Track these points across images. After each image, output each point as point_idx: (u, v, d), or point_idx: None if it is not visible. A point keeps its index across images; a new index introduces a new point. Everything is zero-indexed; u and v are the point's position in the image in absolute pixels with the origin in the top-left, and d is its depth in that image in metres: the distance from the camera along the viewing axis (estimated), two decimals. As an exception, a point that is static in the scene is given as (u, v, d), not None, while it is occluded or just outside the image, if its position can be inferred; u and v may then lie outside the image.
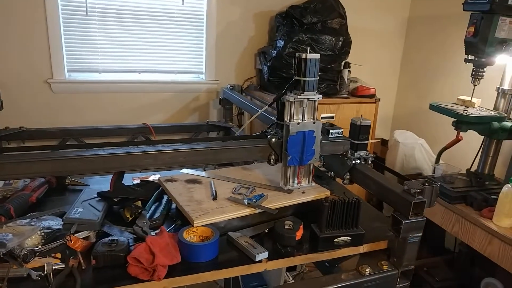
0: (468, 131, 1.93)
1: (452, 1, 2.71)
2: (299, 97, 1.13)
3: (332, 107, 2.53)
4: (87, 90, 2.42)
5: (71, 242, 0.94)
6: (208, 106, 2.80)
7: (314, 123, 1.17)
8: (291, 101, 1.13)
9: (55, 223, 1.05)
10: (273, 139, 1.18)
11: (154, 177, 1.45)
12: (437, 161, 2.24)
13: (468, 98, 2.00)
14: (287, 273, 1.89)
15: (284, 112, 1.16)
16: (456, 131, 1.96)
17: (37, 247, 0.94)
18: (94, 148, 1.01)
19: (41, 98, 2.28)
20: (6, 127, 2.03)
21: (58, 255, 0.95)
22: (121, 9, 2.38)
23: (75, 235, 0.99)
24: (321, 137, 1.21)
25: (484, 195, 1.82)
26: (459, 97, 2.07)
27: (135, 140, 2.37)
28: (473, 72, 1.89)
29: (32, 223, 1.01)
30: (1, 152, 1.84)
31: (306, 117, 1.17)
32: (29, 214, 1.09)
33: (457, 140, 2.03)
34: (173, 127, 2.54)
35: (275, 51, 2.53)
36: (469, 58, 1.89)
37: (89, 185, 1.36)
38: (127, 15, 2.41)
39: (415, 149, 2.54)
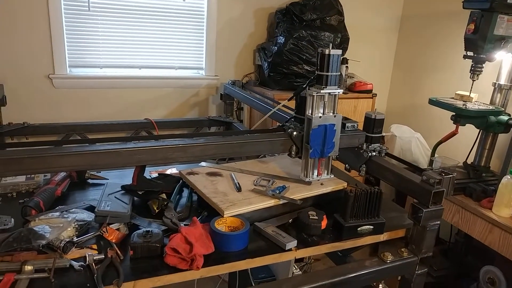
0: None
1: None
2: (321, 91, 1.17)
3: (331, 102, 2.58)
4: (88, 86, 2.40)
5: (107, 233, 0.96)
6: (207, 101, 2.82)
7: (334, 116, 1.21)
8: (313, 95, 1.17)
9: (87, 215, 1.06)
10: (295, 133, 1.22)
11: (171, 170, 1.46)
12: (432, 154, 2.33)
13: (466, 93, 2.07)
14: (295, 264, 1.94)
15: (306, 106, 1.20)
16: (455, 125, 2.03)
17: (72, 238, 0.95)
18: (128, 142, 1.02)
19: (43, 94, 2.26)
20: (10, 123, 2.00)
21: (94, 246, 0.96)
22: (123, 5, 2.37)
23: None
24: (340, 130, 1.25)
25: (483, 186, 1.90)
26: (457, 92, 2.15)
27: (138, 135, 2.37)
28: (472, 68, 1.97)
29: (65, 216, 1.02)
30: (5, 148, 1.82)
31: (326, 110, 1.21)
32: (57, 208, 1.10)
33: (453, 133, 2.10)
34: (175, 122, 2.54)
35: (276, 47, 2.57)
36: (468, 54, 1.96)
37: (108, 179, 1.37)
38: (128, 11, 2.40)
39: (412, 143, 2.62)
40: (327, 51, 1.14)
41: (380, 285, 1.30)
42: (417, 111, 3.08)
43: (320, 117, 1.19)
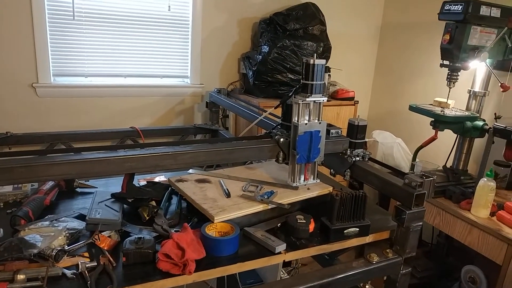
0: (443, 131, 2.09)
1: (421, 10, 2.92)
2: (307, 99, 1.21)
3: (315, 109, 2.63)
4: (73, 95, 2.39)
5: (99, 241, 0.97)
6: (193, 109, 2.83)
7: (320, 123, 1.25)
8: (299, 103, 1.21)
9: (77, 224, 1.06)
10: (282, 139, 1.25)
11: (159, 178, 1.48)
12: (413, 158, 2.40)
13: (444, 100, 2.16)
14: (283, 269, 1.96)
15: (292, 114, 1.23)
16: (434, 130, 2.11)
17: (63, 247, 0.95)
18: (118, 150, 1.03)
19: (27, 103, 2.23)
20: (-8, 132, 1.98)
21: (86, 254, 0.97)
22: (108, 13, 2.38)
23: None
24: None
25: (462, 189, 1.97)
26: (435, 99, 2.23)
27: (124, 143, 2.37)
28: (448, 76, 2.05)
29: (55, 224, 1.02)
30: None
31: (312, 118, 1.25)
32: (46, 217, 1.10)
33: (433, 138, 2.18)
34: (161, 130, 2.55)
35: (260, 56, 2.61)
36: (445, 63, 2.05)
37: (97, 187, 1.37)
38: (114, 20, 2.41)
39: (394, 148, 2.70)
40: (311, 61, 1.18)
41: (367, 286, 1.33)
42: (397, 117, 3.18)
43: (306, 124, 1.23)
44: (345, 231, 1.15)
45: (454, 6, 1.95)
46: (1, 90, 2.16)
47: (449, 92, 2.11)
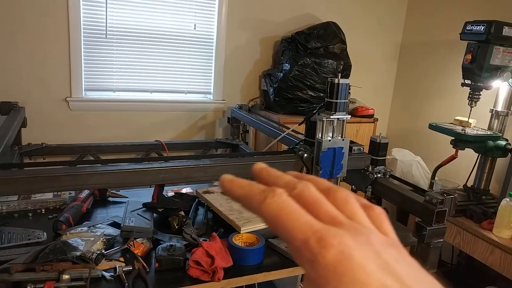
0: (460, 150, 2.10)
1: (442, 29, 2.96)
2: (331, 117, 1.26)
3: (335, 126, 2.68)
4: (102, 108, 2.50)
5: (134, 247, 1.03)
6: (215, 124, 2.91)
7: (343, 140, 1.30)
8: (323, 120, 1.26)
9: (113, 231, 1.13)
10: (305, 155, 1.31)
11: (185, 190, 1.54)
12: (433, 177, 2.41)
13: (465, 119, 2.17)
14: (301, 283, 1.99)
15: (316, 130, 1.29)
16: (454, 149, 2.13)
17: (101, 251, 1.02)
18: (152, 162, 1.10)
19: (60, 116, 2.35)
20: (29, 143, 2.09)
21: (121, 258, 1.03)
22: (137, 32, 2.50)
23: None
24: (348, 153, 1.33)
25: (483, 209, 1.97)
26: (456, 118, 2.25)
27: (149, 156, 2.45)
28: (470, 95, 2.07)
29: (93, 230, 1.09)
30: (23, 167, 1.89)
31: (335, 134, 1.30)
32: (84, 223, 1.17)
33: (452, 157, 2.19)
34: (184, 144, 2.63)
35: (281, 74, 2.69)
36: (466, 82, 2.08)
37: (128, 197, 1.44)
38: (142, 38, 2.53)
39: (413, 166, 2.70)
40: (336, 80, 1.24)
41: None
42: (417, 135, 3.18)
43: (330, 140, 1.28)
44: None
45: (476, 27, 1.98)
46: (38, 104, 2.29)
47: (470, 111, 2.13)
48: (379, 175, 1.39)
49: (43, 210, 1.27)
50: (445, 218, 1.16)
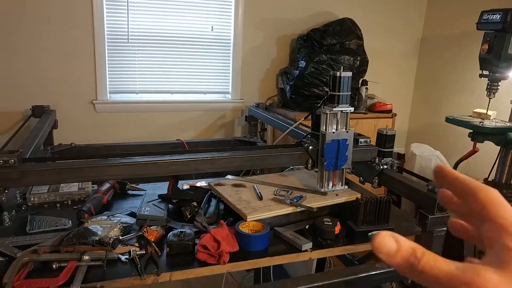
0: (485, 142, 2.07)
1: (463, 20, 2.91)
2: (334, 109, 1.31)
3: (351, 121, 2.66)
4: (126, 110, 2.64)
5: (147, 233, 1.12)
6: (233, 123, 3.00)
7: (347, 132, 1.34)
8: (326, 113, 1.31)
9: (129, 219, 1.23)
10: (310, 147, 1.36)
11: (200, 183, 1.63)
12: (453, 172, 2.38)
13: (484, 111, 2.15)
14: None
15: (320, 123, 1.34)
16: (473, 142, 2.10)
17: (118, 237, 1.12)
18: (163, 155, 1.19)
19: (87, 117, 2.51)
20: (60, 144, 2.25)
21: (136, 244, 1.12)
22: (157, 36, 2.62)
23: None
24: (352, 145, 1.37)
25: (502, 202, 1.94)
26: (475, 110, 2.22)
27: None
28: (488, 86, 2.05)
29: (111, 219, 1.19)
30: (55, 161, 2.03)
31: (339, 127, 1.35)
32: (104, 212, 1.28)
33: (473, 151, 2.16)
34: (203, 143, 2.72)
35: (297, 71, 2.74)
36: (484, 73, 2.05)
37: (146, 190, 1.54)
38: (162, 41, 2.65)
39: (432, 161, 2.68)
40: (338, 74, 1.29)
41: (394, 290, 1.38)
42: (437, 130, 3.15)
43: (333, 132, 1.33)
44: (369, 234, 1.22)
45: (492, 16, 1.96)
46: (67, 107, 2.46)
47: (489, 102, 2.10)
48: (385, 167, 1.42)
49: (69, 201, 1.39)
50: (447, 206, 1.18)
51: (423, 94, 3.36)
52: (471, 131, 2.08)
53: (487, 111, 2.14)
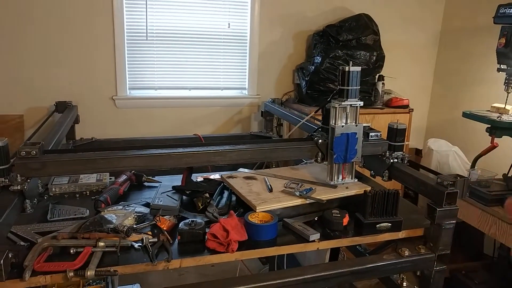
0: (504, 138, 2.03)
1: (484, 13, 2.84)
2: (343, 103, 1.32)
3: (367, 117, 2.69)
4: (145, 105, 2.71)
5: (160, 222, 1.17)
6: (250, 119, 3.03)
7: (356, 126, 1.35)
8: (336, 107, 1.33)
9: (143, 209, 1.28)
10: (320, 140, 1.38)
11: (214, 176, 1.67)
12: (472, 167, 2.34)
13: (502, 105, 2.11)
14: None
15: (330, 117, 1.35)
16: (491, 138, 2.07)
17: (132, 226, 1.17)
18: (176, 148, 1.24)
19: (108, 113, 2.60)
20: (81, 138, 2.34)
21: (149, 232, 1.17)
22: (175, 32, 2.68)
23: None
24: (362, 138, 1.39)
25: (521, 198, 1.90)
26: (493, 105, 2.18)
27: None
28: (506, 81, 2.01)
29: (126, 208, 1.25)
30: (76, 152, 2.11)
31: (349, 121, 1.36)
32: (120, 203, 1.34)
33: (492, 146, 2.12)
34: (220, 137, 2.76)
35: (313, 67, 2.74)
36: (502, 67, 2.02)
37: (161, 182, 1.60)
38: (180, 38, 2.71)
39: (449, 157, 2.64)
40: (347, 68, 1.30)
41: (404, 283, 1.39)
42: (457, 125, 3.08)
43: (343, 126, 1.34)
44: (377, 226, 1.23)
45: (509, 9, 1.93)
46: (88, 103, 2.55)
47: (507, 97, 2.06)
48: (396, 160, 1.43)
49: (88, 192, 1.47)
50: (457, 200, 1.18)
51: (442, 89, 3.30)
52: (489, 126, 2.04)
53: (505, 105, 2.10)
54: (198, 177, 1.65)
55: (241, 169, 1.60)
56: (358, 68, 1.31)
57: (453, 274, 2.39)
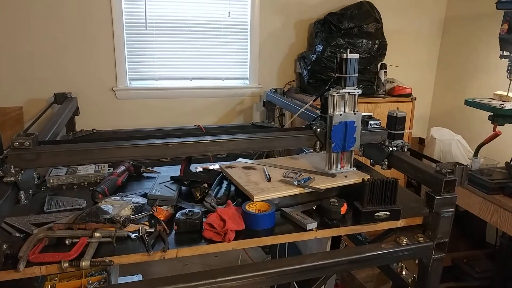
0: (507, 126, 2.00)
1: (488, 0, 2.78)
2: (341, 91, 1.31)
3: (369, 106, 2.67)
4: (146, 96, 2.71)
5: (157, 212, 1.17)
6: (251, 109, 3.02)
7: (354, 114, 1.34)
8: (334, 95, 1.31)
9: (141, 200, 1.28)
10: (318, 129, 1.36)
11: (213, 166, 1.67)
12: (475, 156, 2.31)
13: (505, 93, 2.07)
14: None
15: (328, 105, 1.34)
16: (493, 126, 2.04)
17: (129, 216, 1.17)
18: (173, 138, 1.23)
19: (108, 104, 2.60)
20: (82, 129, 2.35)
21: (147, 223, 1.17)
22: (174, 22, 2.66)
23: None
24: (361, 127, 1.37)
25: (523, 186, 1.88)
26: (495, 92, 2.15)
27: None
28: (509, 68, 1.98)
29: (124, 199, 1.25)
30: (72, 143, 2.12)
31: (347, 109, 1.34)
32: (118, 193, 1.34)
33: (495, 135, 2.10)
34: (222, 128, 2.76)
35: (315, 56, 2.71)
36: (504, 54, 1.98)
37: (160, 172, 1.60)
38: (180, 28, 2.68)
39: (452, 145, 2.61)
40: (344, 56, 1.28)
41: (404, 271, 1.38)
42: (460, 113, 3.05)
43: (341, 114, 1.32)
44: (375, 214, 1.23)
45: (512, -6, 1.89)
46: (88, 94, 2.55)
47: (510, 84, 2.03)
48: (395, 149, 1.41)
49: (86, 183, 1.47)
50: (455, 188, 1.17)
51: (446, 77, 3.26)
52: (491, 113, 2.01)
53: (507, 93, 2.06)
54: (198, 167, 1.65)
55: (240, 159, 1.59)
56: (356, 55, 1.29)
57: (455, 262, 2.39)
